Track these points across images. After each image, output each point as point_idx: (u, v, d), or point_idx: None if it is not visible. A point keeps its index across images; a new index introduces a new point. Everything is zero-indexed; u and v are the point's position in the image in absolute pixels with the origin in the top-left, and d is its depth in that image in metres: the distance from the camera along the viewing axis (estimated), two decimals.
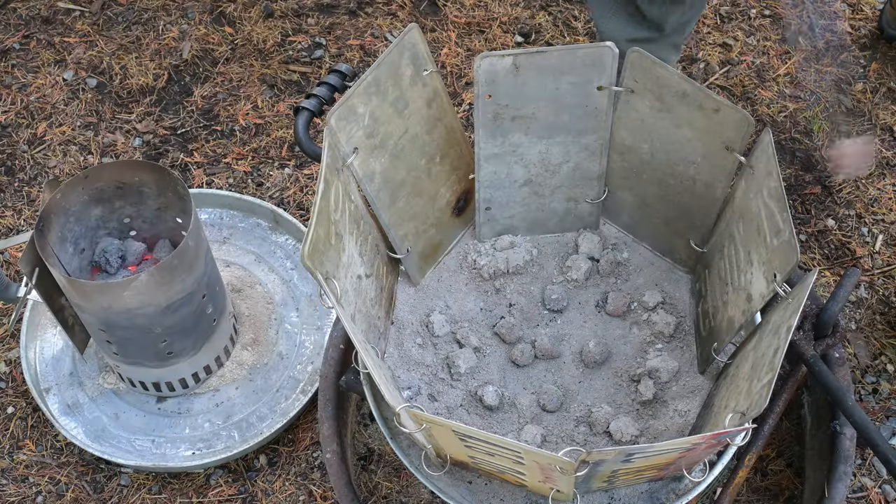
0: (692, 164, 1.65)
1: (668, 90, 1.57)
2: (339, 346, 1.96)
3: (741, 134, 1.51)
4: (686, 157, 1.65)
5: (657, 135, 1.65)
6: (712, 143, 1.58)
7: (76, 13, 2.89)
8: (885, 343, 2.22)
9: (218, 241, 2.38)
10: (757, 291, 1.50)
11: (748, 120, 1.48)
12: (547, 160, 1.75)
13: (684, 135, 1.62)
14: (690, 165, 1.66)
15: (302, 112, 1.71)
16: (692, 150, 1.63)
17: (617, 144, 1.73)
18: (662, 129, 1.64)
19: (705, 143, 1.59)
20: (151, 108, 2.69)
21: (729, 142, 1.53)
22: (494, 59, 1.58)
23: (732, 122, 1.51)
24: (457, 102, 2.67)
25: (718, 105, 1.51)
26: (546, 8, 2.88)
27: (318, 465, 2.10)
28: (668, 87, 1.57)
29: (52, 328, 2.25)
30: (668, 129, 1.63)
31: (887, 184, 2.47)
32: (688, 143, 1.62)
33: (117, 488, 2.09)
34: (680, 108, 1.58)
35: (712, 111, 1.53)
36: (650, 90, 1.60)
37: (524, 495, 1.63)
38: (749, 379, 1.42)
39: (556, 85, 1.63)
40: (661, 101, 1.60)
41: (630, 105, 1.64)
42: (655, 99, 1.60)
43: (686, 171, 1.67)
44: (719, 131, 1.54)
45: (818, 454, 1.95)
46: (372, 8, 2.89)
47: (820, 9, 1.32)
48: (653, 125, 1.64)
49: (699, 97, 1.53)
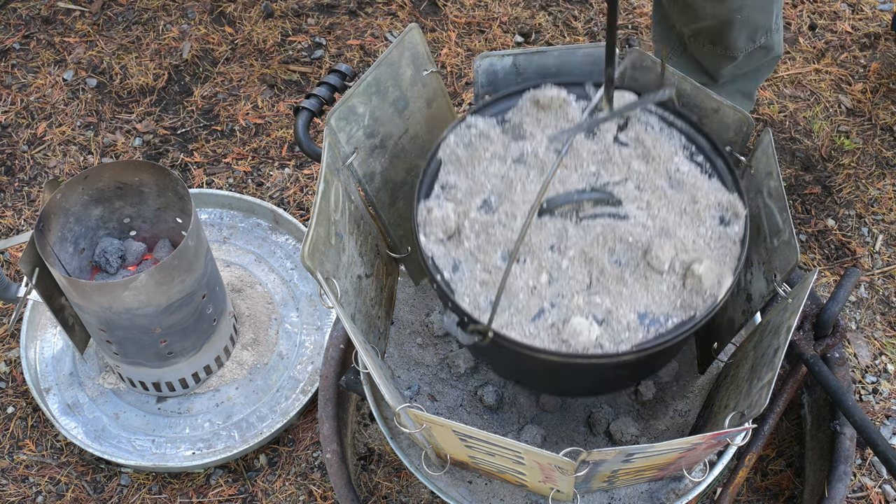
0: None
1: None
2: (339, 345, 1.96)
3: (741, 134, 1.51)
4: None
5: None
6: None
7: (76, 13, 2.89)
8: (885, 343, 2.22)
9: (218, 241, 2.38)
10: (757, 292, 1.50)
11: (748, 120, 1.48)
12: None
13: None
14: None
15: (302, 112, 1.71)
16: None
17: None
18: None
19: None
20: (151, 108, 2.69)
21: (729, 142, 1.53)
22: (494, 59, 1.58)
23: (732, 123, 1.51)
24: (457, 102, 2.67)
25: (718, 105, 1.51)
26: (546, 8, 2.88)
27: (318, 465, 2.10)
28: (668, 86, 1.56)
29: (52, 328, 2.25)
30: None
31: (887, 184, 2.47)
32: None
33: (117, 488, 2.09)
34: None
35: (712, 111, 1.53)
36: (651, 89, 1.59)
37: (524, 495, 1.63)
38: (749, 379, 1.41)
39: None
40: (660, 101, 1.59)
41: None
42: None
43: None
44: (719, 130, 1.54)
45: (818, 454, 1.95)
46: (372, 8, 2.89)
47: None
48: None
49: (699, 97, 1.53)
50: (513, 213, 1.43)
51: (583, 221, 1.42)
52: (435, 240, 1.43)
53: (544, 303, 1.37)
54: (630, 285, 1.37)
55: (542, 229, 1.41)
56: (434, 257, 1.42)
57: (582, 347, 1.33)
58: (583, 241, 1.40)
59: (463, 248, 1.42)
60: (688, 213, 1.43)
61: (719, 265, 1.38)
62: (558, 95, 1.52)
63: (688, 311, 1.37)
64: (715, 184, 1.47)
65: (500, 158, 1.49)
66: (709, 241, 1.41)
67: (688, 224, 1.42)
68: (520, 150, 1.50)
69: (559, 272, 1.38)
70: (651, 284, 1.37)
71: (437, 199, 1.47)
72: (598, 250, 1.39)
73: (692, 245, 1.40)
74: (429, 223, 1.43)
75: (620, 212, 1.43)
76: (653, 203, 1.44)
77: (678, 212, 1.43)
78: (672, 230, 1.41)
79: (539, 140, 1.50)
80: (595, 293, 1.37)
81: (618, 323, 1.35)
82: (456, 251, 1.42)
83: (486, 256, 1.40)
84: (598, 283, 1.38)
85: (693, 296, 1.37)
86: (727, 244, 1.41)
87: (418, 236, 1.43)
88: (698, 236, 1.41)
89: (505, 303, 1.37)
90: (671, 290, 1.37)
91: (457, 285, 1.39)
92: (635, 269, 1.38)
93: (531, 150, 1.49)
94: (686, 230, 1.41)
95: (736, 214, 1.43)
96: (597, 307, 1.36)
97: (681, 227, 1.42)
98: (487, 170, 1.48)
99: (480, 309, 1.37)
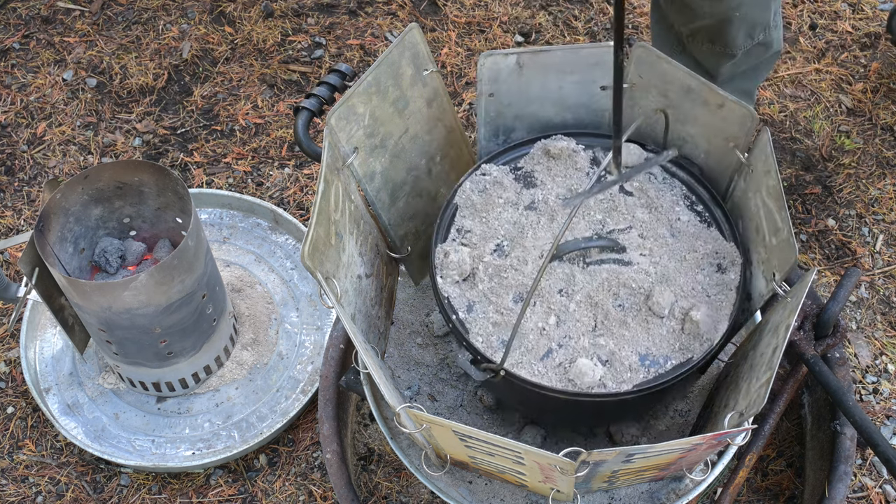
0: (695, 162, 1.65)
1: (673, 85, 1.57)
2: (339, 345, 1.96)
3: (745, 130, 1.51)
4: (690, 153, 1.64)
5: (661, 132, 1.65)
6: (715, 139, 1.58)
7: (76, 13, 2.89)
8: (886, 343, 2.22)
9: (218, 241, 2.38)
10: (756, 291, 1.50)
11: (752, 115, 1.48)
12: None
13: (688, 131, 1.61)
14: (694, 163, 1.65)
15: (302, 112, 1.71)
16: (696, 147, 1.63)
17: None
18: None
19: (709, 140, 1.59)
20: (151, 108, 2.69)
21: (732, 138, 1.53)
22: (498, 58, 1.58)
23: (736, 118, 1.51)
24: (457, 102, 2.67)
25: (723, 100, 1.51)
26: (546, 8, 2.88)
27: (318, 465, 2.10)
28: (673, 83, 1.57)
29: (52, 328, 2.25)
30: (672, 125, 1.62)
31: (887, 184, 2.47)
32: (692, 140, 1.62)
33: (117, 488, 2.09)
34: (685, 104, 1.58)
35: (717, 106, 1.53)
36: (655, 85, 1.59)
37: (524, 495, 1.63)
38: (748, 379, 1.42)
39: (559, 84, 1.63)
40: (665, 97, 1.59)
41: (634, 101, 1.64)
42: (660, 94, 1.60)
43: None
44: (723, 127, 1.54)
45: (818, 454, 1.95)
46: (372, 8, 2.89)
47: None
48: (657, 122, 1.64)
49: (704, 92, 1.53)
50: (524, 259, 1.53)
51: (590, 266, 1.52)
52: (451, 282, 1.53)
53: (552, 343, 1.46)
54: (632, 328, 1.47)
55: (551, 274, 1.52)
56: (450, 298, 1.51)
57: (587, 386, 1.41)
58: (589, 285, 1.50)
59: (477, 289, 1.52)
60: (687, 260, 1.53)
61: (716, 311, 1.48)
62: (567, 146, 1.63)
63: (686, 353, 1.46)
64: (713, 233, 1.56)
65: (513, 205, 1.60)
66: (706, 288, 1.50)
67: (687, 271, 1.52)
68: (531, 197, 1.61)
69: (567, 314, 1.48)
70: (652, 328, 1.47)
71: (453, 243, 1.57)
72: (604, 295, 1.50)
73: (691, 291, 1.50)
74: (445, 266, 1.53)
75: (625, 258, 1.54)
76: (655, 251, 1.54)
77: (679, 259, 1.53)
78: (672, 277, 1.51)
79: (549, 188, 1.61)
80: (600, 335, 1.46)
81: (620, 364, 1.44)
82: (470, 293, 1.52)
83: (498, 299, 1.50)
84: (602, 325, 1.48)
85: (691, 340, 1.46)
86: (724, 291, 1.50)
87: (435, 278, 1.53)
88: (697, 283, 1.51)
89: (516, 342, 1.47)
90: (670, 334, 1.47)
91: (471, 325, 1.49)
92: (637, 314, 1.48)
93: (542, 198, 1.60)
94: (685, 277, 1.51)
95: (732, 263, 1.52)
96: (601, 349, 1.46)
97: (681, 273, 1.52)
98: (501, 216, 1.59)
99: (493, 348, 1.47)
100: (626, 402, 1.45)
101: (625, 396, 1.42)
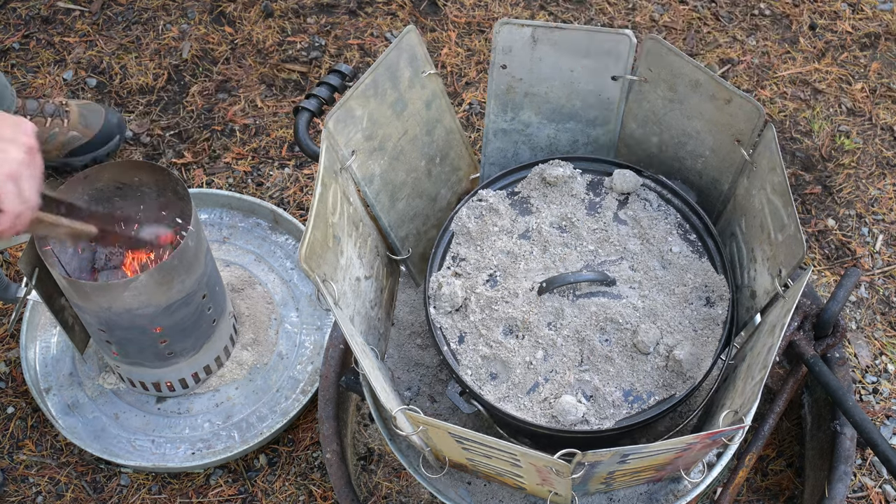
0: (700, 159, 1.65)
1: (682, 79, 1.57)
2: (339, 346, 1.96)
3: (751, 126, 1.50)
4: (694, 150, 1.64)
5: (667, 127, 1.65)
6: (722, 135, 1.58)
7: (76, 13, 2.89)
8: (886, 343, 2.22)
9: (218, 241, 2.38)
10: (761, 288, 1.50)
11: (759, 111, 1.48)
12: (554, 146, 1.75)
13: (695, 127, 1.61)
14: (698, 160, 1.65)
15: (302, 112, 1.71)
16: (701, 143, 1.63)
17: (626, 137, 1.72)
18: (673, 121, 1.63)
19: (715, 136, 1.59)
20: (151, 108, 2.69)
21: (739, 134, 1.53)
22: (514, 27, 1.59)
23: (743, 114, 1.51)
24: (457, 102, 2.67)
25: (731, 95, 1.51)
26: (546, 7, 2.87)
27: (318, 465, 2.11)
28: (681, 77, 1.56)
29: (52, 328, 2.25)
30: (679, 120, 1.62)
31: (887, 184, 2.47)
32: (697, 136, 1.62)
33: (117, 488, 2.09)
34: (692, 99, 1.57)
35: (724, 101, 1.52)
36: (664, 79, 1.59)
37: (523, 497, 1.63)
38: (744, 378, 1.42)
39: (571, 67, 1.63)
40: (673, 91, 1.59)
41: (642, 96, 1.64)
42: (668, 89, 1.59)
43: (693, 165, 1.67)
44: (730, 123, 1.54)
45: (818, 454, 1.95)
46: (372, 8, 2.89)
47: None
48: (664, 117, 1.64)
49: (712, 87, 1.52)
50: (514, 291, 1.56)
51: (579, 300, 1.54)
52: (443, 312, 1.56)
53: (539, 377, 1.49)
54: (617, 364, 1.49)
55: (541, 306, 1.54)
56: (442, 328, 1.55)
57: (570, 424, 1.44)
58: (577, 319, 1.53)
59: (468, 321, 1.55)
60: (676, 294, 1.55)
61: (700, 348, 1.49)
62: (563, 174, 1.66)
63: (669, 390, 1.48)
64: (704, 264, 1.58)
65: (507, 233, 1.63)
66: (693, 323, 1.52)
67: (675, 305, 1.54)
68: (525, 225, 1.64)
69: (554, 349, 1.51)
70: (637, 364, 1.49)
71: (446, 272, 1.60)
72: (591, 330, 1.52)
73: (678, 326, 1.52)
74: (438, 298, 1.56)
75: (614, 291, 1.56)
76: (644, 284, 1.56)
77: (667, 292, 1.55)
78: (660, 311, 1.53)
79: (544, 216, 1.64)
80: (585, 370, 1.49)
81: (604, 400, 1.47)
82: (462, 323, 1.55)
83: (488, 332, 1.53)
84: (588, 360, 1.50)
85: (674, 377, 1.48)
86: (710, 326, 1.52)
87: (428, 308, 1.56)
88: (684, 317, 1.53)
89: (504, 375, 1.50)
90: (654, 370, 1.49)
91: (461, 356, 1.52)
92: (623, 349, 1.50)
93: (535, 226, 1.63)
94: (673, 311, 1.53)
95: (721, 297, 1.54)
96: (586, 384, 1.48)
97: (669, 308, 1.54)
98: (495, 244, 1.62)
99: (482, 380, 1.50)
100: (610, 436, 1.48)
101: (607, 433, 1.45)
